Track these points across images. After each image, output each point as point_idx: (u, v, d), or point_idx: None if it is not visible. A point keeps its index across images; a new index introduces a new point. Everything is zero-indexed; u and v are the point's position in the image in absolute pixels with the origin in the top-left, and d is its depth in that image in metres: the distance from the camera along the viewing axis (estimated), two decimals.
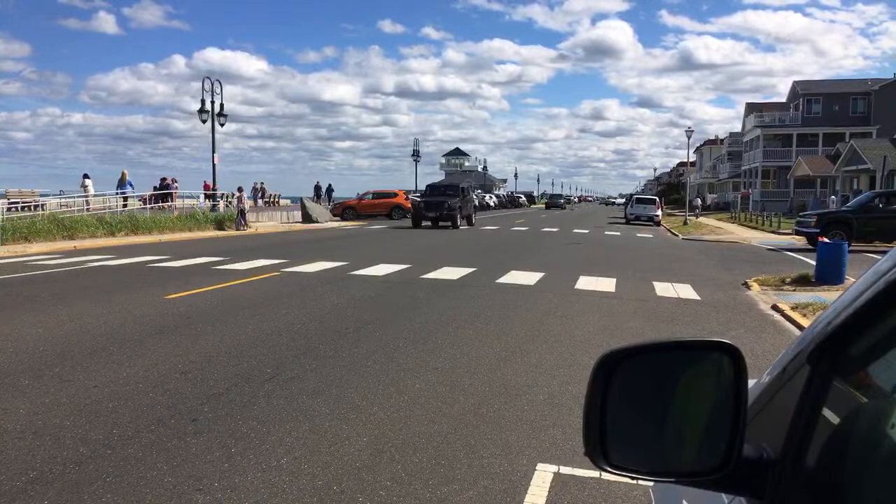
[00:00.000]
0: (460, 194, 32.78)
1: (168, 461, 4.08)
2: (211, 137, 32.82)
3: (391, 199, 41.59)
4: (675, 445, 1.13)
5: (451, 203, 30.92)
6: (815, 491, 1.07)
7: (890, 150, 36.40)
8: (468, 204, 34.00)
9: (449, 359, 6.75)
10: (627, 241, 25.86)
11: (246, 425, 4.73)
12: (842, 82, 61.36)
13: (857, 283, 1.06)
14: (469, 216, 33.84)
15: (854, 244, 18.38)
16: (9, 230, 19.94)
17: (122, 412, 4.97)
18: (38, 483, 3.75)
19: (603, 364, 1.14)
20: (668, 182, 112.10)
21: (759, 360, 6.37)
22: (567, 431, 4.69)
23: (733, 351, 1.12)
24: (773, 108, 64.01)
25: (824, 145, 53.93)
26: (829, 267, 12.30)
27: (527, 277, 13.10)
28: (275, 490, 3.73)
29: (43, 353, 6.70)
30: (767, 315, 9.74)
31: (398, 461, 4.16)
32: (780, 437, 1.12)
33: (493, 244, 22.44)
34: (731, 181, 70.17)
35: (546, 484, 3.88)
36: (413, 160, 70.14)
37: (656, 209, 40.98)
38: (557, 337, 7.85)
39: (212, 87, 32.32)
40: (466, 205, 33.38)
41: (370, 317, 8.87)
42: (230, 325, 8.17)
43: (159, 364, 6.34)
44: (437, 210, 30.90)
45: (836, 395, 1.09)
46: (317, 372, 6.16)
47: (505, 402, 5.39)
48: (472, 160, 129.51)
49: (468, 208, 33.89)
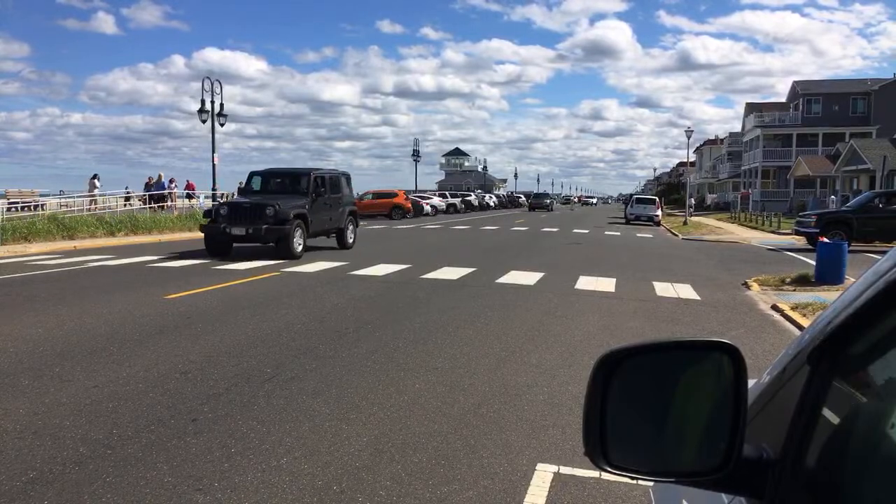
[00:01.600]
0: (308, 190, 17.50)
1: (168, 461, 4.08)
2: (211, 137, 32.80)
3: (391, 199, 41.64)
4: (675, 445, 1.13)
5: (279, 210, 16.03)
6: (815, 491, 1.07)
7: (890, 150, 36.42)
8: (335, 208, 18.69)
9: (449, 359, 6.75)
10: (627, 241, 25.86)
11: (246, 425, 4.73)
12: (842, 82, 61.38)
13: (857, 283, 1.06)
14: (341, 231, 18.92)
15: (854, 244, 18.38)
16: (9, 230, 19.93)
17: (122, 412, 4.97)
18: (38, 483, 3.75)
19: (603, 364, 1.14)
20: (668, 182, 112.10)
21: (759, 360, 6.37)
22: (567, 431, 4.69)
23: (733, 351, 1.12)
24: (772, 108, 64.03)
25: (824, 145, 53.94)
26: (829, 267, 12.30)
27: (527, 277, 13.10)
28: (275, 490, 3.73)
29: (43, 353, 6.70)
30: (767, 315, 9.74)
31: (398, 461, 4.16)
32: (780, 437, 1.12)
33: (493, 244, 22.44)
34: (731, 181, 70.21)
35: (546, 484, 3.89)
36: (413, 160, 70.16)
37: (656, 209, 40.98)
38: (557, 337, 7.85)
39: (212, 87, 32.29)
40: (325, 210, 18.11)
41: (370, 317, 8.87)
42: (230, 325, 8.17)
43: (159, 364, 6.34)
44: (248, 222, 15.92)
45: (836, 395, 1.09)
46: (317, 372, 6.16)
47: (505, 402, 5.39)
48: (472, 160, 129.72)
49: (335, 215, 18.63)
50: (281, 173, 18.91)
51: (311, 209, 17.22)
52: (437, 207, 50.25)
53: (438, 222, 38.38)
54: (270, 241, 16.07)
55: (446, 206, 53.04)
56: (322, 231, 18.11)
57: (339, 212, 18.87)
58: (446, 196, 58.16)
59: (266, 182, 18.46)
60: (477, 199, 63.33)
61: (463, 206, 56.03)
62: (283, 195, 17.23)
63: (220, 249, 16.44)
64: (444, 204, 53.02)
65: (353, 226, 19.75)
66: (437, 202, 51.82)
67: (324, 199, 18.04)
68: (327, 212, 18.24)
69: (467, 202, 58.28)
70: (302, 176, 18.11)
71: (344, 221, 19.08)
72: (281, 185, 18.14)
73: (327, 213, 18.25)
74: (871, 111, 54.94)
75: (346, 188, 19.84)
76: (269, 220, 15.98)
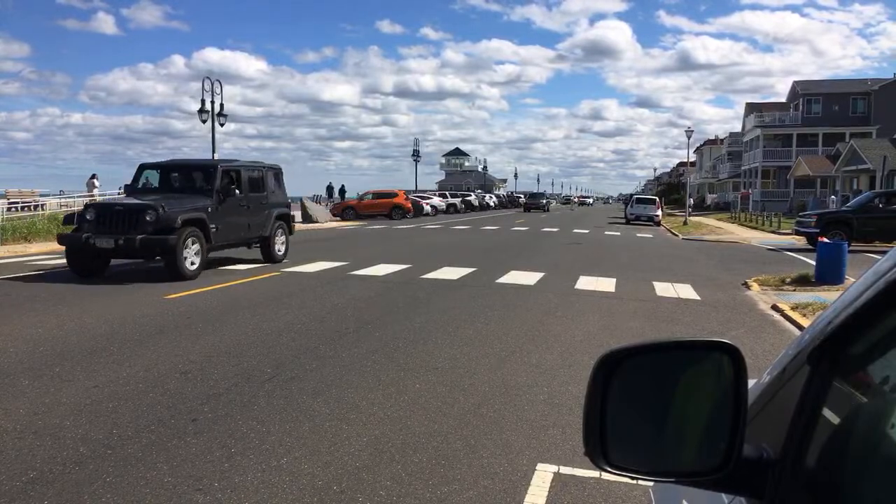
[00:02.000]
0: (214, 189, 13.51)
1: (168, 461, 4.08)
2: (211, 137, 32.82)
3: (391, 199, 41.67)
4: (675, 445, 1.13)
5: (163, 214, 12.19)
6: (815, 491, 1.07)
7: (890, 150, 36.41)
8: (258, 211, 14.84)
9: (449, 359, 6.75)
10: (627, 241, 25.86)
11: (246, 425, 4.73)
12: (842, 82, 61.39)
13: (857, 283, 1.06)
14: (265, 240, 15.01)
15: (854, 244, 18.38)
16: (9, 230, 19.95)
17: (122, 412, 4.97)
18: (38, 483, 3.75)
19: (603, 364, 1.14)
20: (668, 182, 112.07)
21: (759, 360, 6.37)
22: (567, 431, 4.69)
23: (733, 351, 1.12)
24: (773, 108, 64.04)
25: (824, 145, 53.94)
26: (829, 267, 12.30)
27: (527, 277, 13.10)
28: (275, 490, 3.73)
29: (43, 353, 6.70)
30: (767, 315, 9.74)
31: (398, 461, 4.16)
32: (780, 437, 1.12)
33: (493, 244, 22.44)
34: (731, 181, 70.19)
35: (546, 484, 3.88)
36: (413, 160, 70.13)
37: (656, 209, 40.97)
38: (557, 337, 7.85)
39: (212, 87, 32.30)
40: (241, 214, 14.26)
41: (370, 317, 8.87)
42: (230, 325, 8.17)
43: (159, 364, 6.34)
44: (120, 231, 12.13)
45: (836, 395, 1.09)
46: (317, 372, 6.16)
47: (505, 402, 5.39)
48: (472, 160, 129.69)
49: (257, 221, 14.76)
50: (180, 166, 14.76)
51: (215, 213, 13.24)
52: (438, 207, 50.25)
53: (438, 222, 38.38)
54: (148, 256, 12.42)
55: (446, 206, 53.04)
56: (237, 241, 14.31)
57: (262, 216, 14.94)
58: (446, 196, 58.13)
59: (164, 178, 14.38)
60: (477, 199, 63.30)
61: (463, 207, 56.01)
62: (184, 195, 13.38)
63: (88, 267, 12.38)
64: (444, 204, 53.01)
65: (283, 233, 15.84)
66: (438, 202, 51.82)
67: (237, 200, 14.07)
68: (245, 216, 14.31)
69: (467, 202, 58.26)
70: (206, 170, 14.04)
71: (270, 228, 15.11)
72: (183, 183, 14.13)
73: (245, 218, 14.30)
74: (871, 111, 54.94)
75: (276, 186, 15.91)
76: (148, 228, 11.94)
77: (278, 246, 15.55)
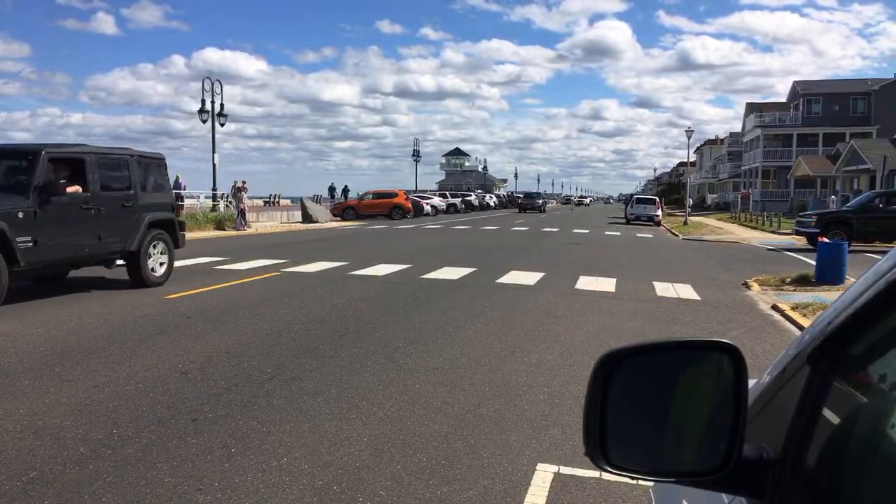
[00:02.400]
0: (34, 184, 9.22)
1: (168, 461, 4.08)
2: (211, 137, 32.85)
3: (391, 200, 41.67)
4: (675, 445, 1.13)
5: None
6: (815, 491, 1.07)
7: (890, 150, 36.41)
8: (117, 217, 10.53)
9: (449, 359, 6.75)
10: (627, 241, 25.85)
11: (246, 425, 4.73)
12: (842, 82, 61.39)
13: (857, 283, 1.06)
14: (131, 255, 10.89)
15: (854, 244, 18.38)
16: None
17: (122, 412, 4.97)
18: (38, 483, 3.75)
19: (603, 364, 1.14)
20: (668, 182, 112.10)
21: (759, 360, 6.36)
22: (567, 431, 4.69)
23: (733, 351, 1.12)
24: (773, 108, 64.04)
25: (824, 145, 53.95)
26: (829, 267, 12.31)
27: (527, 277, 13.10)
28: (275, 490, 3.73)
29: (43, 353, 6.70)
30: (767, 315, 9.74)
31: (398, 461, 4.16)
32: (780, 437, 1.12)
33: (493, 244, 22.44)
34: (732, 181, 70.20)
35: (546, 484, 3.88)
36: (413, 160, 70.21)
37: (656, 209, 40.96)
38: (558, 337, 7.85)
39: (212, 87, 32.33)
40: (84, 220, 9.98)
41: (370, 317, 8.87)
42: (230, 325, 8.17)
43: (159, 364, 6.34)
44: None
45: (836, 395, 1.09)
46: (317, 372, 6.16)
47: (505, 401, 5.39)
48: (472, 160, 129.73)
49: (114, 230, 10.50)
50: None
51: (32, 219, 9.20)
52: (438, 207, 50.26)
53: (439, 222, 38.38)
54: None
55: (446, 206, 53.04)
56: (75, 258, 10.27)
57: (124, 223, 10.74)
58: (446, 196, 58.13)
59: None
60: (477, 199, 63.30)
61: (463, 207, 56.01)
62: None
63: None
64: (444, 204, 53.02)
65: (164, 246, 11.48)
66: (438, 202, 51.83)
67: (76, 201, 9.94)
68: (90, 223, 10.16)
69: (467, 202, 58.26)
70: (21, 158, 9.86)
71: (138, 240, 10.86)
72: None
73: (90, 226, 10.17)
74: (872, 111, 54.94)
75: (154, 183, 11.54)
76: None
77: (152, 264, 11.25)
